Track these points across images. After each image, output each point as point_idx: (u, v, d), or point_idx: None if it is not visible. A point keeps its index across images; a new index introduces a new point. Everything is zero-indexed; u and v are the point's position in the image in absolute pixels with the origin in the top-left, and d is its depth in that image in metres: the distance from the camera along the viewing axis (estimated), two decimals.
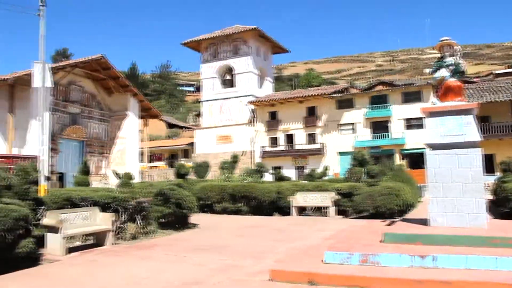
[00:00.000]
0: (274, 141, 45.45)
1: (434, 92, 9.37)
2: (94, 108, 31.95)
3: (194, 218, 14.47)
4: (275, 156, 44.22)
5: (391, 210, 14.97)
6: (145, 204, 11.44)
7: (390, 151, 39.91)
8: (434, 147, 8.61)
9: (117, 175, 19.62)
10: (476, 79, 49.36)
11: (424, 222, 8.56)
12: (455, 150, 8.29)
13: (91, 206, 10.64)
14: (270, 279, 6.49)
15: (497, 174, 26.73)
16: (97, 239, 10.28)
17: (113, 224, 10.34)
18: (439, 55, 9.29)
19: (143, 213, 11.49)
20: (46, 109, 14.82)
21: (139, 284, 6.68)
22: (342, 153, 40.84)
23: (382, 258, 6.55)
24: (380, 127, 40.97)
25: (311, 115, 44.01)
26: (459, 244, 7.00)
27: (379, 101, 41.24)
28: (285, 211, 17.71)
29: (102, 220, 10.26)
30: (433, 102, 9.09)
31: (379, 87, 44.47)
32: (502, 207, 15.07)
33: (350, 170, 19.94)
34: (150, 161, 51.39)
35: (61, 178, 27.16)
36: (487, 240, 6.99)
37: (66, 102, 29.35)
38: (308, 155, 43.15)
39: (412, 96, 39.82)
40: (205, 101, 49.27)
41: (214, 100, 48.34)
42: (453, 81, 8.84)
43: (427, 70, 9.81)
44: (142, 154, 35.79)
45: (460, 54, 9.09)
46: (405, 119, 39.88)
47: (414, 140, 37.78)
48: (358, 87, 54.91)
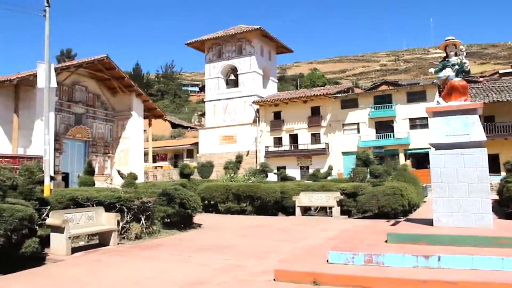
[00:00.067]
0: (278, 141, 45.44)
1: (439, 92, 9.33)
2: (98, 108, 32.01)
3: (198, 218, 14.49)
4: (279, 156, 44.21)
5: (396, 210, 14.95)
6: (149, 204, 11.45)
7: (394, 151, 39.85)
8: (439, 147, 8.57)
9: (121, 175, 19.66)
10: (481, 79, 49.23)
11: (429, 222, 8.52)
12: (461, 150, 8.24)
13: (96, 206, 10.66)
14: (274, 279, 6.49)
15: (502, 174, 26.64)
16: (102, 239, 10.30)
17: (118, 224, 10.36)
18: (444, 55, 9.24)
19: (147, 213, 11.50)
20: (50, 109, 14.87)
21: (143, 284, 6.68)
22: (346, 153, 40.80)
23: (386, 258, 6.53)
24: (384, 127, 40.89)
25: (315, 115, 43.97)
26: (464, 244, 6.96)
27: (384, 101, 41.16)
28: (289, 211, 17.70)
29: (106, 220, 10.28)
30: (437, 101, 9.05)
31: (383, 87, 44.45)
32: (507, 207, 15.04)
33: (354, 170, 19.91)
34: (154, 161, 51.55)
35: (66, 178, 27.21)
36: (493, 240, 6.95)
37: (70, 102, 29.42)
38: (312, 155, 43.12)
39: (416, 96, 39.72)
40: (209, 101, 49.32)
41: (218, 100, 48.36)
42: (458, 81, 8.79)
43: (432, 70, 9.77)
44: (146, 154, 35.84)
45: (464, 54, 9.04)
46: (409, 119, 39.79)
47: (419, 140, 37.69)
48: (362, 87, 54.90)
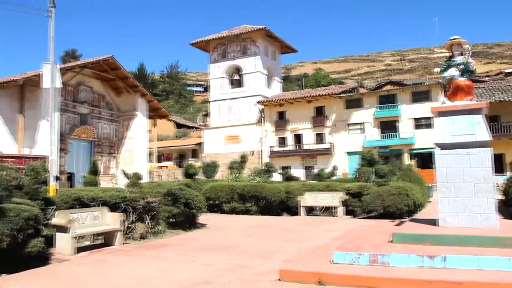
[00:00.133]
0: (282, 141, 45.43)
1: (444, 92, 9.30)
2: (103, 109, 32.10)
3: (203, 218, 14.50)
4: (283, 156, 44.20)
5: (401, 210, 14.90)
6: (154, 204, 11.47)
7: (399, 151, 39.75)
8: (444, 146, 8.55)
9: (126, 175, 19.70)
10: (487, 78, 49.05)
11: (433, 222, 8.50)
12: (467, 149, 8.22)
13: (100, 206, 10.68)
14: (279, 279, 6.48)
15: (507, 174, 26.52)
16: (106, 239, 10.32)
17: (122, 224, 10.38)
18: (449, 54, 9.22)
19: (152, 213, 11.52)
20: (55, 110, 14.90)
21: (148, 283, 6.69)
22: (350, 153, 40.73)
23: (392, 259, 6.51)
24: (389, 126, 40.80)
25: (320, 115, 43.93)
26: (469, 244, 6.93)
27: (388, 100, 41.06)
28: (293, 211, 17.69)
29: (111, 220, 10.30)
30: (443, 101, 9.03)
31: (388, 87, 44.30)
32: None
33: (359, 170, 19.88)
34: (159, 161, 51.61)
35: (71, 178, 27.32)
36: (499, 240, 6.92)
37: (76, 103, 29.52)
38: (316, 155, 43.09)
39: (421, 96, 39.60)
40: (214, 101, 49.37)
41: (223, 100, 48.40)
42: (463, 80, 8.77)
43: (437, 70, 9.75)
44: (150, 154, 35.89)
45: (469, 53, 9.01)
46: (414, 118, 39.68)
47: (423, 140, 37.58)
48: (367, 86, 54.79)
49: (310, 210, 17.82)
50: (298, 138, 44.86)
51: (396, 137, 40.19)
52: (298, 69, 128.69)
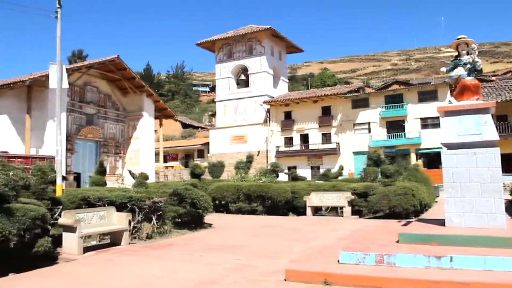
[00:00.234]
0: (288, 141, 45.41)
1: (450, 91, 9.24)
2: (110, 109, 32.20)
3: (209, 218, 14.51)
4: (289, 156, 44.17)
5: (407, 210, 14.85)
6: (160, 204, 11.49)
7: (405, 150, 39.63)
8: (451, 146, 8.51)
9: (132, 175, 19.77)
10: (494, 78, 48.76)
11: (440, 223, 8.46)
12: (474, 149, 8.17)
13: (107, 205, 10.72)
14: (285, 279, 6.47)
15: None
16: (113, 239, 10.36)
17: (129, 223, 10.41)
18: (455, 54, 9.17)
19: (159, 213, 11.54)
20: (62, 110, 14.97)
21: (154, 283, 6.71)
22: (357, 153, 40.65)
23: (398, 259, 6.49)
24: (395, 126, 40.69)
25: (326, 114, 43.87)
26: (476, 245, 6.90)
27: (395, 100, 40.94)
28: (300, 211, 17.68)
29: (118, 220, 10.33)
30: (449, 101, 8.98)
31: (395, 86, 44.27)
32: None
33: (365, 170, 19.85)
34: (165, 161, 51.76)
35: (77, 178, 27.41)
36: (507, 241, 6.87)
37: (82, 103, 29.64)
38: (323, 155, 43.04)
39: (428, 95, 39.46)
40: (220, 101, 49.41)
41: (229, 100, 48.44)
42: (470, 80, 8.72)
43: (443, 69, 9.70)
44: (157, 154, 35.99)
45: (476, 52, 8.96)
46: (420, 118, 39.55)
47: (430, 140, 37.45)
48: (373, 86, 54.64)
49: (316, 210, 17.80)
50: (304, 138, 44.82)
51: (402, 137, 40.07)
52: (304, 69, 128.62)
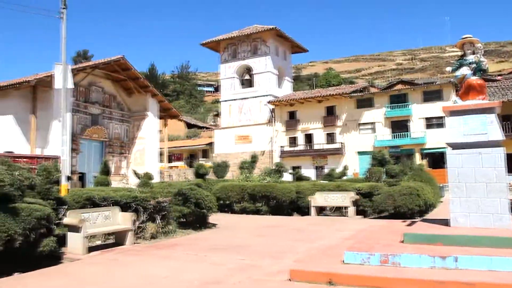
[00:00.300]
0: (293, 141, 45.38)
1: (456, 91, 9.21)
2: (114, 109, 32.26)
3: (214, 218, 14.52)
4: (294, 156, 44.14)
5: (412, 210, 14.82)
6: (164, 204, 11.51)
7: (410, 150, 39.52)
8: (456, 146, 8.47)
9: (137, 175, 19.79)
10: (499, 77, 48.59)
11: (445, 223, 8.44)
12: (479, 149, 8.14)
13: (112, 205, 10.74)
14: (289, 279, 6.47)
15: None
16: (118, 239, 10.38)
17: (133, 223, 10.43)
18: (461, 53, 9.14)
19: (163, 213, 11.56)
20: (67, 110, 15.00)
21: (159, 283, 6.72)
22: (361, 153, 40.58)
23: (403, 259, 6.47)
24: (400, 126, 40.59)
25: (330, 114, 43.82)
26: (482, 245, 6.87)
27: (399, 100, 40.84)
28: (304, 211, 17.67)
29: (122, 220, 10.36)
30: (455, 100, 8.95)
31: (399, 86, 44.11)
32: None
33: (370, 170, 19.82)
34: (170, 161, 51.80)
35: (82, 178, 27.52)
36: None
37: (87, 103, 29.71)
38: (327, 155, 42.99)
39: (432, 95, 39.34)
40: (224, 101, 49.45)
41: (233, 100, 48.46)
42: (475, 79, 8.68)
43: (448, 69, 9.67)
44: (161, 154, 36.05)
45: (482, 52, 8.92)
46: (425, 118, 39.43)
47: (435, 140, 37.32)
48: (378, 86, 54.52)
49: (321, 210, 17.78)
50: (308, 138, 44.78)
51: (407, 136, 39.96)
52: (309, 69, 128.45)
